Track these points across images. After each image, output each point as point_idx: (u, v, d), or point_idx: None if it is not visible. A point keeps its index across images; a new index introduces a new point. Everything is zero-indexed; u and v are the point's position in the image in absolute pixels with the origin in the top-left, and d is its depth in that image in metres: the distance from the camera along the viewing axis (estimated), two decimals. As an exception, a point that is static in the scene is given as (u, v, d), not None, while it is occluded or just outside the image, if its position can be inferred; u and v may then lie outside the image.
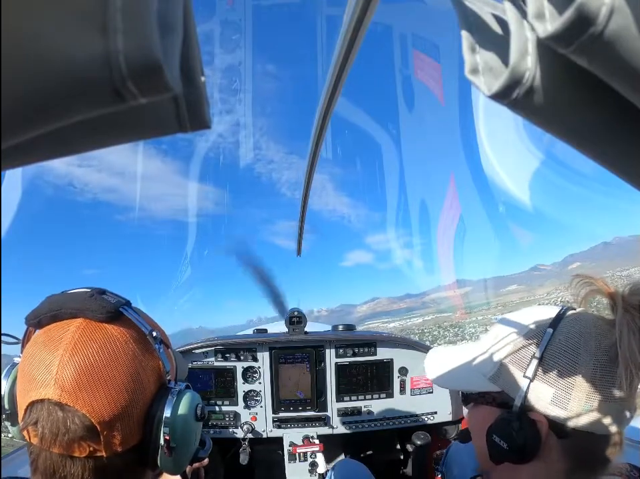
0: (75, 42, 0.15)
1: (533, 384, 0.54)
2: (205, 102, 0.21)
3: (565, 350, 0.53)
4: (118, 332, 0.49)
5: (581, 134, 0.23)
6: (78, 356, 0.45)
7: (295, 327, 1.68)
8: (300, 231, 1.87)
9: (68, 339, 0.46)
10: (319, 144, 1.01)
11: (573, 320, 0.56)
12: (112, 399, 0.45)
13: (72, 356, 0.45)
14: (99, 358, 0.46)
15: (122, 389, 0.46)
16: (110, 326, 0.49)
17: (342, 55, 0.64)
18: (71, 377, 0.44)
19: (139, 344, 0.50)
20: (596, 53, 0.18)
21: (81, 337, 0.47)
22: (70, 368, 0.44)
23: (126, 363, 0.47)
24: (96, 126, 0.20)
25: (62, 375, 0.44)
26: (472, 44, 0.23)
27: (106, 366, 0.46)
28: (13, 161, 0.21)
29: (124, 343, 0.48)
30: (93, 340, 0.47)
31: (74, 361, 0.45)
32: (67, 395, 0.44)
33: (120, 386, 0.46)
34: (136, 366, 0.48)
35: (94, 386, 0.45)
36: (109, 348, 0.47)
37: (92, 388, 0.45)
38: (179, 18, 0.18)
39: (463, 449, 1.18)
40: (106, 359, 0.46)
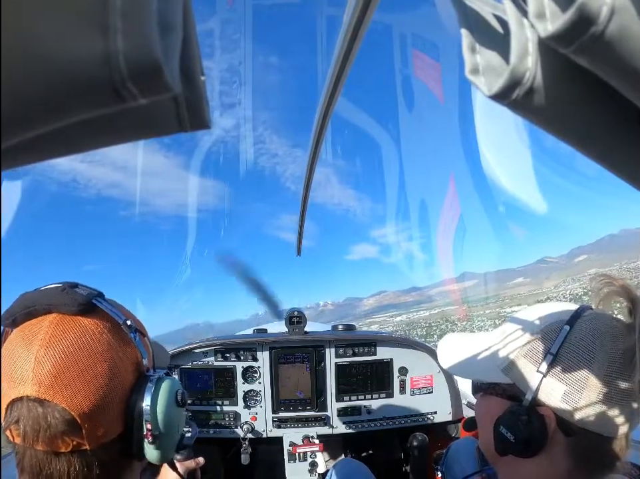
0: (75, 42, 0.15)
1: (545, 380, 0.54)
2: (205, 102, 0.21)
3: (581, 349, 0.53)
4: (91, 324, 0.49)
5: (582, 134, 0.23)
6: (53, 351, 0.45)
7: (295, 327, 1.69)
8: (300, 230, 1.87)
9: (42, 335, 0.46)
10: (318, 145, 1.01)
11: (591, 319, 0.56)
12: (91, 391, 0.45)
13: (47, 350, 0.45)
14: (74, 351, 0.46)
15: (99, 380, 0.46)
16: (84, 318, 0.49)
17: (342, 55, 0.64)
18: (48, 372, 0.44)
19: (114, 334, 0.50)
20: (597, 53, 0.18)
21: (55, 332, 0.47)
22: (46, 363, 0.44)
23: (102, 354, 0.48)
24: (96, 126, 0.20)
25: (38, 371, 0.44)
26: (472, 44, 0.23)
27: (81, 358, 0.46)
28: (13, 161, 0.21)
29: (99, 334, 0.49)
30: (67, 334, 0.47)
31: (49, 356, 0.45)
32: (45, 390, 0.44)
33: (98, 377, 0.46)
34: (112, 356, 0.48)
35: (72, 379, 0.45)
36: (83, 340, 0.47)
37: (70, 381, 0.45)
38: (179, 18, 0.18)
39: (463, 449, 1.18)
40: (81, 351, 0.46)
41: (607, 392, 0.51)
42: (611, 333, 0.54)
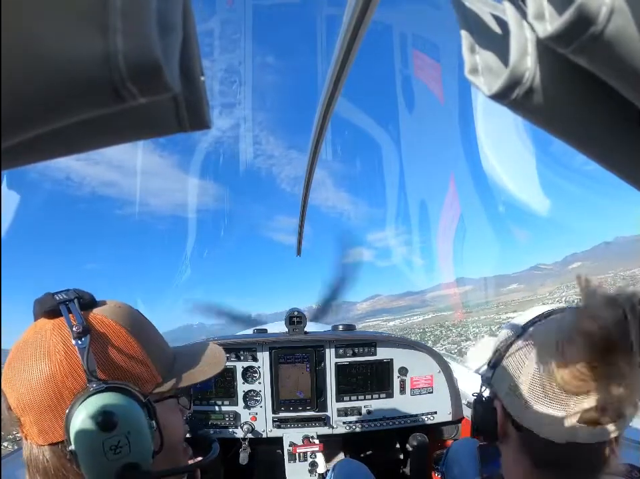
0: (75, 42, 0.15)
1: (496, 372, 0.59)
2: (205, 102, 0.21)
3: (521, 350, 0.57)
4: (49, 329, 0.51)
5: (581, 133, 0.23)
6: (14, 348, 0.51)
7: (295, 327, 1.68)
8: (300, 231, 1.87)
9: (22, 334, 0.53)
10: (318, 145, 1.01)
11: (551, 320, 0.57)
12: (24, 390, 0.48)
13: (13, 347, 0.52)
14: (23, 352, 0.50)
15: (33, 382, 0.48)
16: (47, 322, 0.52)
17: (342, 55, 0.64)
18: (7, 366, 0.50)
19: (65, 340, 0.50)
20: (596, 53, 0.18)
21: (25, 332, 0.53)
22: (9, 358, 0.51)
23: (42, 358, 0.49)
24: (96, 126, 0.20)
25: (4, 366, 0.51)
26: (471, 44, 0.23)
27: (25, 359, 0.49)
28: (13, 161, 0.21)
29: (48, 339, 0.50)
30: (27, 335, 0.52)
31: (11, 351, 0.51)
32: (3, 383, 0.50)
33: (33, 379, 0.48)
34: (52, 363, 0.48)
35: (14, 376, 0.49)
36: (32, 343, 0.50)
37: (13, 378, 0.49)
38: (178, 18, 0.18)
39: (463, 449, 1.18)
40: (27, 353, 0.50)
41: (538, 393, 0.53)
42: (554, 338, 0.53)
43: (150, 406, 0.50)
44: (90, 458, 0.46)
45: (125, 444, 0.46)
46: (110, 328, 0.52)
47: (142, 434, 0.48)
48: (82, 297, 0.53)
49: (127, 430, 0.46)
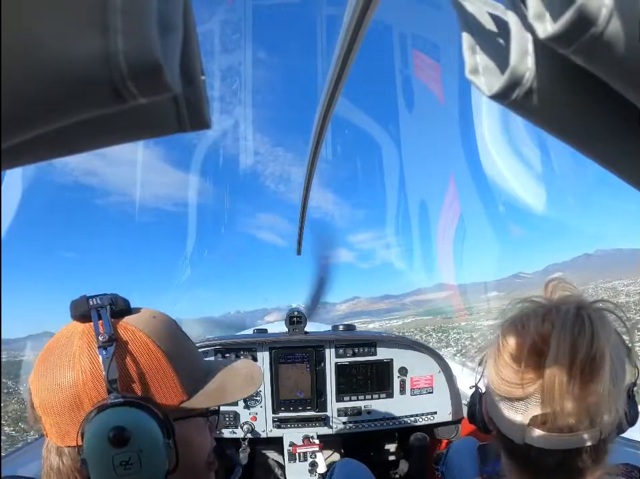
0: (75, 42, 0.15)
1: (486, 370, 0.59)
2: (205, 101, 0.21)
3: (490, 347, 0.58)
4: (77, 334, 0.51)
5: (581, 134, 0.23)
6: (44, 349, 0.52)
7: (295, 327, 1.69)
8: (300, 231, 1.87)
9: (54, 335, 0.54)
10: (318, 145, 1.02)
11: None
12: (46, 392, 0.49)
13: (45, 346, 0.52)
14: (51, 354, 0.51)
15: (55, 386, 0.49)
16: (78, 327, 0.52)
17: (342, 55, 0.64)
18: (36, 366, 0.51)
19: (92, 347, 0.49)
20: (596, 54, 0.18)
21: (56, 334, 0.53)
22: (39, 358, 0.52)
23: (66, 363, 0.49)
24: (96, 126, 0.20)
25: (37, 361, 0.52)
26: (472, 44, 0.23)
27: (51, 361, 0.50)
28: (13, 161, 0.21)
29: (76, 345, 0.50)
30: (57, 338, 0.52)
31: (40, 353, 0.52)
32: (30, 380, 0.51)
33: (55, 383, 0.49)
34: (75, 369, 0.48)
35: (40, 376, 0.50)
36: (60, 346, 0.51)
37: (38, 379, 0.50)
38: (179, 18, 0.18)
39: (463, 449, 1.18)
40: (54, 356, 0.50)
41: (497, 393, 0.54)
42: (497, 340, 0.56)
43: (168, 424, 0.49)
44: (99, 470, 0.45)
45: (136, 461, 0.45)
46: (138, 340, 0.51)
47: (155, 453, 0.47)
48: (115, 304, 0.52)
49: (139, 447, 0.45)
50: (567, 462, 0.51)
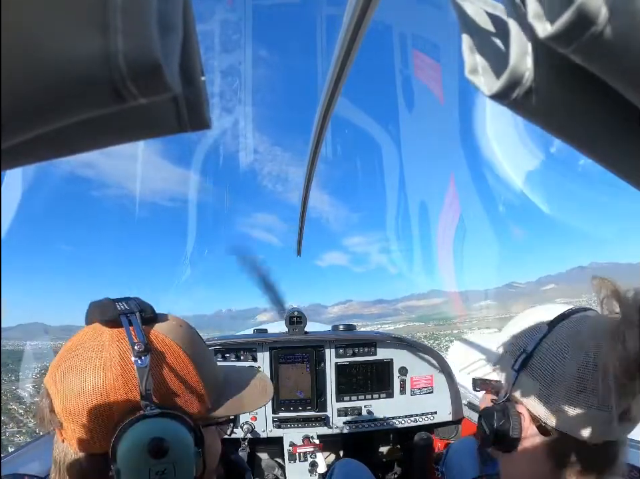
0: (75, 42, 0.15)
1: (520, 377, 0.55)
2: (205, 102, 0.21)
3: (554, 348, 0.54)
4: (108, 339, 0.49)
5: (581, 134, 0.23)
6: (66, 351, 0.50)
7: (295, 327, 1.69)
8: (300, 231, 1.87)
9: (74, 337, 0.51)
10: (318, 145, 1.02)
11: (575, 321, 0.55)
12: (72, 397, 0.47)
13: (64, 350, 0.50)
14: (77, 357, 0.49)
15: (83, 392, 0.47)
16: (107, 332, 0.50)
17: (342, 55, 0.64)
18: (56, 368, 0.49)
19: (123, 355, 0.48)
20: (596, 53, 0.18)
21: (79, 336, 0.51)
22: (59, 360, 0.50)
23: (96, 369, 0.47)
24: (96, 126, 0.20)
25: (53, 364, 0.50)
26: (471, 44, 0.23)
27: (77, 365, 0.48)
28: (13, 161, 0.21)
29: (107, 350, 0.48)
30: (83, 340, 0.50)
31: (62, 354, 0.50)
32: (47, 381, 0.50)
33: (83, 389, 0.47)
34: (106, 375, 0.47)
35: (64, 380, 0.48)
36: (89, 351, 0.49)
37: (62, 382, 0.48)
38: (179, 18, 0.18)
39: (463, 449, 1.18)
40: (81, 360, 0.48)
41: (575, 393, 0.51)
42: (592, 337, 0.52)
43: (199, 433, 0.50)
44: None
45: (171, 471, 0.46)
46: (171, 349, 0.51)
47: (188, 462, 0.47)
48: (144, 310, 0.51)
49: (175, 458, 0.46)
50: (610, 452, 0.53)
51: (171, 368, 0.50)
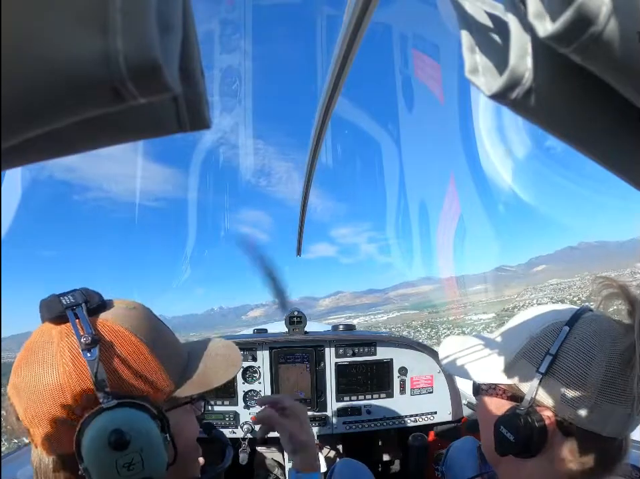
0: (75, 42, 0.15)
1: (544, 380, 0.55)
2: (205, 102, 0.21)
3: (580, 350, 0.54)
4: (57, 336, 0.48)
5: (581, 133, 0.23)
6: (20, 356, 0.49)
7: (295, 327, 1.69)
8: (300, 231, 1.87)
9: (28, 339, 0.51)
10: (318, 145, 1.01)
11: (590, 320, 0.56)
12: (31, 402, 0.47)
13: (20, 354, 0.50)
14: (29, 360, 0.48)
15: (40, 393, 0.46)
16: (55, 328, 0.49)
17: (342, 55, 0.64)
18: (13, 374, 0.49)
19: (72, 350, 0.47)
20: (596, 53, 0.18)
21: (31, 338, 0.50)
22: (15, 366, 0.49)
23: (49, 368, 0.47)
24: (96, 126, 0.20)
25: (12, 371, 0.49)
26: (471, 44, 0.23)
27: (31, 369, 0.47)
28: (13, 161, 0.21)
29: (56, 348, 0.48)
30: (33, 342, 0.50)
31: (18, 359, 0.49)
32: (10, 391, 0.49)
33: (39, 391, 0.46)
34: (59, 374, 0.46)
35: (21, 385, 0.48)
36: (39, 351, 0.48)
37: (20, 388, 0.48)
38: (178, 18, 0.18)
39: (463, 449, 1.18)
40: (33, 362, 0.48)
41: (606, 392, 0.52)
42: (610, 334, 0.54)
43: (163, 418, 0.48)
44: (103, 475, 0.44)
45: (138, 461, 0.45)
46: (121, 337, 0.49)
47: (155, 449, 0.46)
48: (89, 301, 0.49)
49: (140, 447, 0.45)
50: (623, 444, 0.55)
51: (124, 356, 0.49)
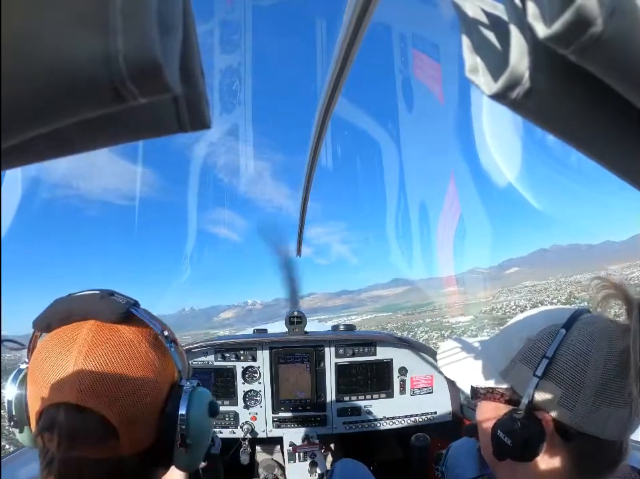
0: (75, 42, 0.15)
1: (542, 383, 0.54)
2: (205, 102, 0.21)
3: (577, 352, 0.53)
4: (130, 333, 0.49)
5: (581, 133, 0.24)
6: (93, 358, 0.45)
7: (295, 327, 1.69)
8: (300, 231, 1.87)
9: (82, 341, 0.46)
10: (318, 145, 1.02)
11: (587, 322, 0.56)
12: (129, 400, 0.46)
13: (87, 357, 0.45)
14: (114, 359, 0.46)
15: (137, 389, 0.47)
16: (123, 326, 0.49)
17: (342, 55, 0.64)
18: (88, 379, 0.44)
19: (151, 344, 0.51)
20: (596, 54, 0.18)
21: (95, 339, 0.47)
22: (86, 370, 0.45)
23: (141, 363, 0.48)
24: (96, 126, 0.20)
25: (78, 377, 0.44)
26: (471, 44, 0.23)
27: (121, 367, 0.46)
28: (13, 161, 0.21)
29: (137, 343, 0.49)
30: (107, 342, 0.47)
31: (89, 363, 0.45)
32: (84, 397, 0.44)
33: (136, 387, 0.47)
34: (150, 366, 0.49)
35: (111, 387, 0.45)
36: (123, 349, 0.47)
37: (109, 390, 0.45)
38: (179, 18, 0.18)
39: (463, 449, 1.18)
40: (121, 360, 0.46)
41: (604, 394, 0.51)
42: (607, 336, 0.53)
43: None
44: (202, 443, 0.54)
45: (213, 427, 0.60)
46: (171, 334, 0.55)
47: None
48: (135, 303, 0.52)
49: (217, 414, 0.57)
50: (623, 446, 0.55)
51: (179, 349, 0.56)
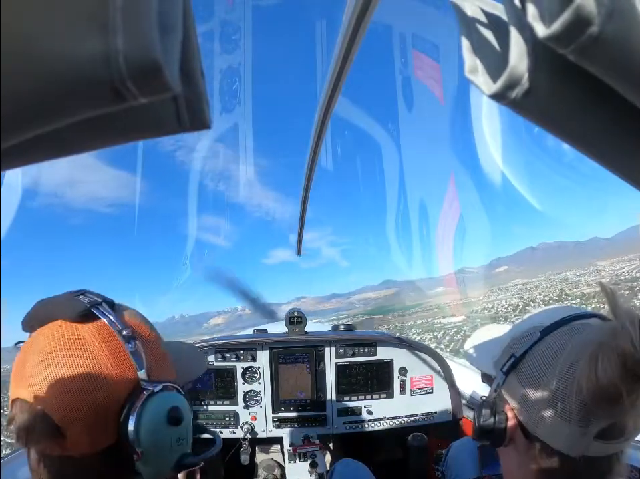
0: (75, 42, 0.15)
1: (509, 379, 0.57)
2: (205, 101, 0.21)
3: (542, 356, 0.53)
4: (87, 333, 0.49)
5: (581, 133, 0.24)
6: (45, 357, 0.47)
7: (295, 327, 1.69)
8: (300, 231, 1.88)
9: (40, 340, 0.49)
10: (318, 145, 1.02)
11: (574, 329, 0.54)
12: (75, 400, 0.46)
13: (41, 356, 0.47)
14: (63, 359, 0.47)
15: (84, 390, 0.46)
16: (81, 326, 0.49)
17: (342, 55, 0.64)
18: (39, 377, 0.46)
19: (108, 344, 0.49)
20: (595, 53, 0.18)
21: (51, 338, 0.49)
22: (38, 368, 0.47)
23: (90, 364, 0.47)
24: (96, 126, 0.20)
25: (31, 375, 0.47)
26: (471, 44, 0.23)
27: (68, 367, 0.47)
28: (13, 161, 0.21)
29: (91, 343, 0.48)
30: (58, 341, 0.48)
31: (41, 361, 0.47)
32: (33, 395, 0.46)
33: (83, 387, 0.46)
34: (102, 367, 0.47)
35: (58, 386, 0.46)
36: (72, 349, 0.48)
37: (56, 389, 0.46)
38: (179, 18, 0.18)
39: (463, 449, 1.18)
40: (70, 360, 0.47)
41: (552, 404, 0.50)
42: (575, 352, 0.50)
43: (187, 399, 0.54)
44: (160, 453, 0.49)
45: (184, 436, 0.51)
46: (143, 330, 0.54)
47: (191, 426, 0.54)
48: (105, 300, 0.52)
49: (187, 422, 0.52)
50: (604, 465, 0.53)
51: (152, 347, 0.54)
